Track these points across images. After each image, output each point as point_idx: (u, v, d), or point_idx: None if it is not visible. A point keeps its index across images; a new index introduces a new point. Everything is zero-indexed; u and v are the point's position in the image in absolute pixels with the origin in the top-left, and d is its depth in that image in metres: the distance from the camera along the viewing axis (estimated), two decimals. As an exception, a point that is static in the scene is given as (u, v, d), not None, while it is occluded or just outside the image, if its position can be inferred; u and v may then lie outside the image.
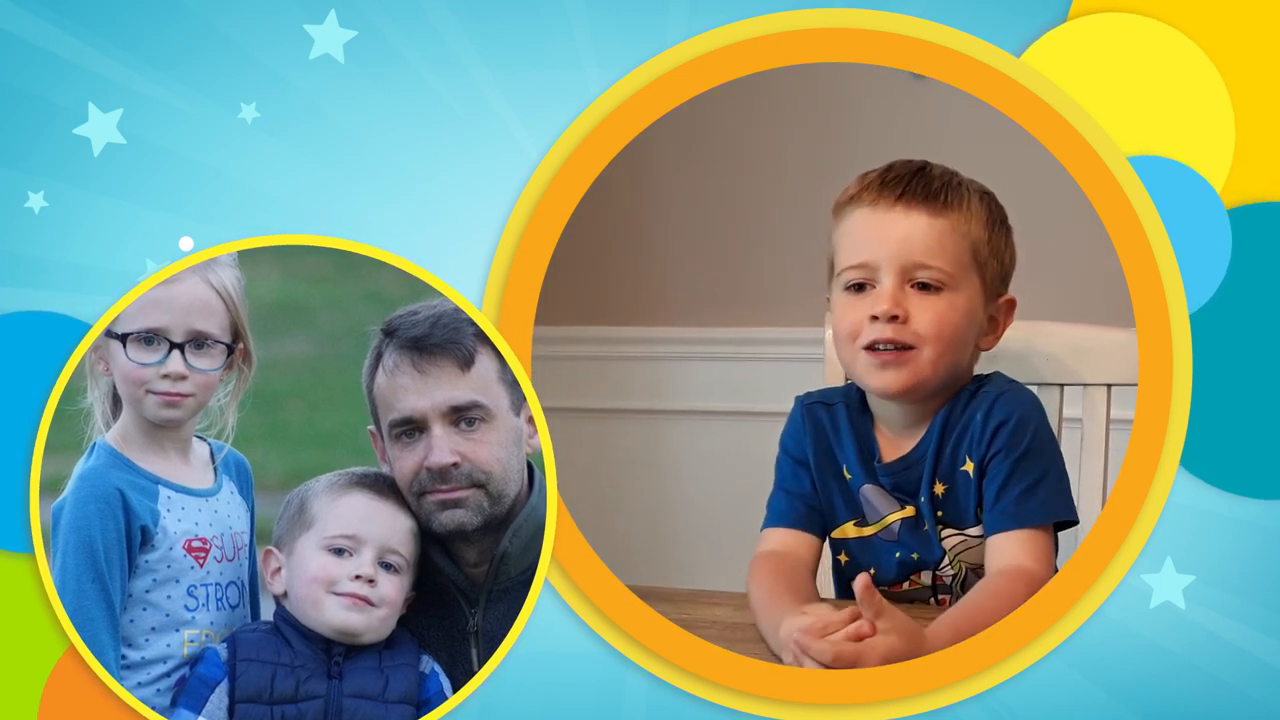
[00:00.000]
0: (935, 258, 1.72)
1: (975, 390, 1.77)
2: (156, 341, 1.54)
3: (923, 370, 1.73)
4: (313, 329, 2.52)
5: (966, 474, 1.75)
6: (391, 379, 1.59)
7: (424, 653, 1.58)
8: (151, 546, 1.53)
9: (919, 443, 1.78)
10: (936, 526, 1.77)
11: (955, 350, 1.74)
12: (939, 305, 1.73)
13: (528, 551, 1.57)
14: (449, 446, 1.57)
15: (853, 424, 1.82)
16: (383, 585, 1.55)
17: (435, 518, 1.57)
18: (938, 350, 1.73)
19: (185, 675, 1.53)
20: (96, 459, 1.54)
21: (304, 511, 1.57)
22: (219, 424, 1.60)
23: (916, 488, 1.78)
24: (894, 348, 1.73)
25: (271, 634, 1.55)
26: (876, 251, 1.73)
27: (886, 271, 1.72)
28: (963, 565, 1.77)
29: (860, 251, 1.74)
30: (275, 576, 1.57)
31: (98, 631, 1.49)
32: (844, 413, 1.83)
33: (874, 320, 1.73)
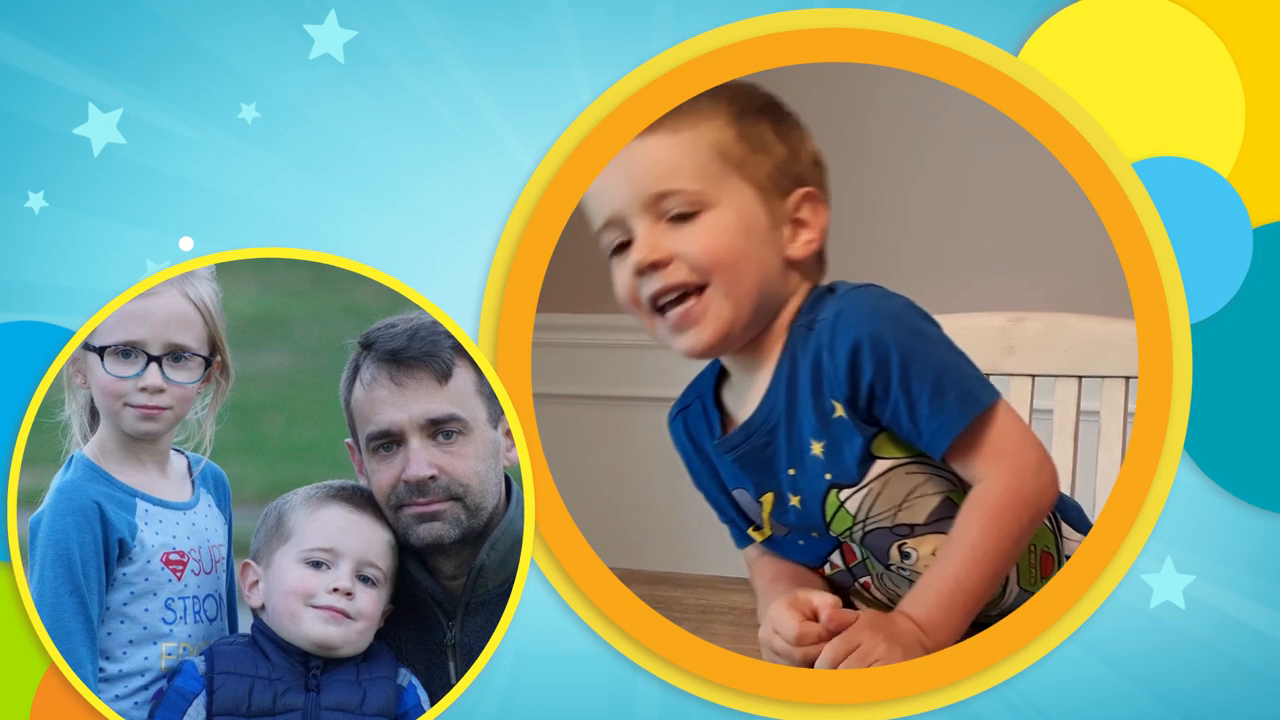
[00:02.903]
0: (674, 179, 1.48)
1: (810, 324, 1.51)
2: (134, 354, 1.54)
3: (721, 312, 1.49)
4: (290, 342, 2.51)
5: (842, 420, 1.50)
6: (369, 392, 1.59)
7: (402, 665, 1.58)
8: (129, 559, 1.53)
9: (759, 406, 1.53)
10: (830, 491, 1.51)
11: (749, 273, 1.49)
12: (702, 232, 1.48)
13: (505, 564, 1.57)
14: (426, 459, 1.57)
15: (705, 413, 1.59)
16: (360, 598, 1.55)
17: (413, 530, 1.58)
18: (725, 280, 1.48)
19: (163, 688, 1.53)
20: (74, 472, 1.54)
21: (281, 524, 1.57)
22: (196, 437, 1.60)
23: (769, 458, 1.54)
24: (676, 296, 1.49)
25: (249, 647, 1.55)
26: (614, 200, 1.50)
27: (633, 217, 1.49)
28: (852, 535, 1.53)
29: (601, 208, 1.51)
30: (253, 589, 1.57)
31: (75, 645, 1.49)
32: (698, 408, 1.60)
33: (640, 275, 1.50)
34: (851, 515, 1.52)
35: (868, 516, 1.52)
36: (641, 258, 1.49)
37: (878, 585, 1.57)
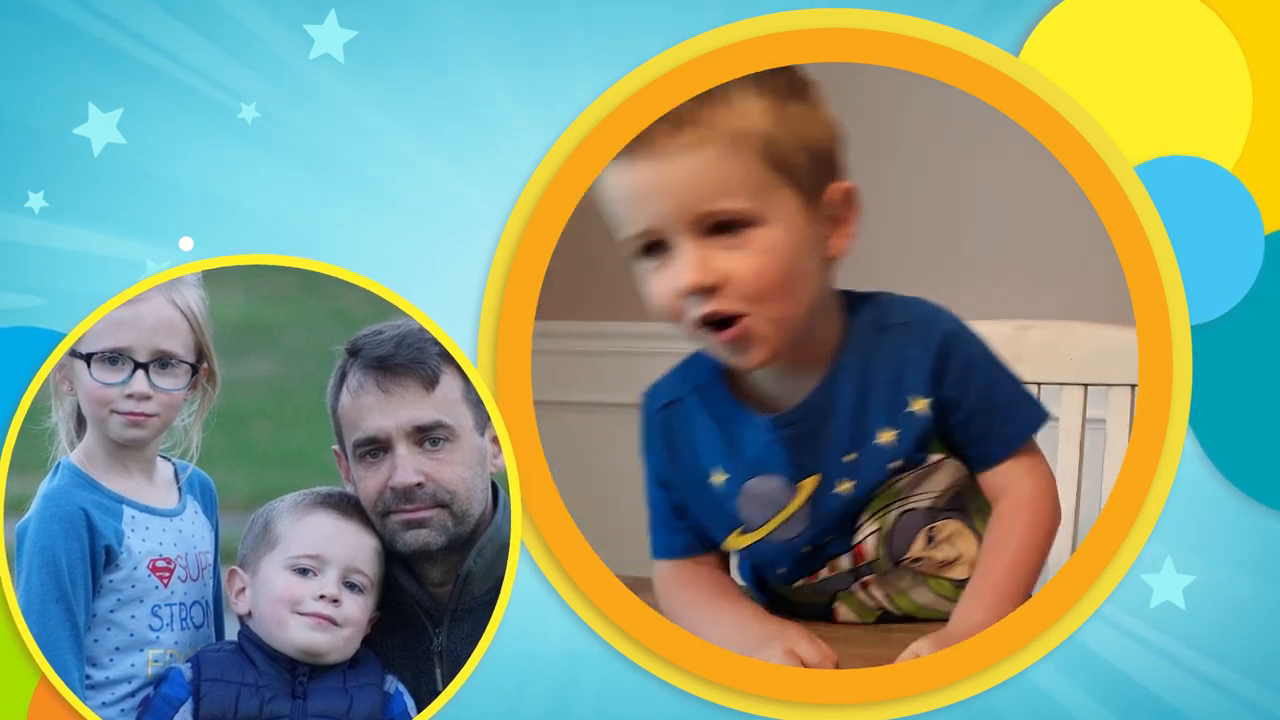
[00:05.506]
0: (721, 198, 1.42)
1: (876, 322, 1.54)
2: (121, 361, 1.53)
3: (770, 334, 1.47)
4: (277, 348, 2.51)
5: (915, 414, 1.55)
6: (356, 399, 1.59)
7: (388, 673, 1.58)
8: (116, 566, 1.53)
9: (818, 387, 1.55)
10: (890, 475, 1.57)
11: (795, 291, 1.47)
12: (752, 258, 1.43)
13: (492, 571, 1.57)
14: (413, 466, 1.57)
15: (707, 405, 1.57)
16: (347, 605, 1.55)
17: (400, 537, 1.58)
18: (776, 304, 1.46)
19: (149, 695, 1.53)
20: (61, 478, 1.54)
21: (268, 531, 1.57)
22: (183, 444, 1.60)
23: (822, 441, 1.55)
24: (723, 320, 1.46)
25: (236, 654, 1.55)
26: (651, 213, 1.44)
27: (675, 234, 1.43)
28: (885, 518, 1.58)
29: (635, 217, 1.45)
30: (240, 596, 1.57)
31: (62, 652, 1.49)
32: (696, 403, 1.58)
33: (685, 297, 1.45)
34: (899, 492, 1.57)
35: (912, 494, 1.58)
36: (692, 281, 1.44)
37: (878, 583, 1.62)
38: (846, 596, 1.65)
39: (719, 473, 1.62)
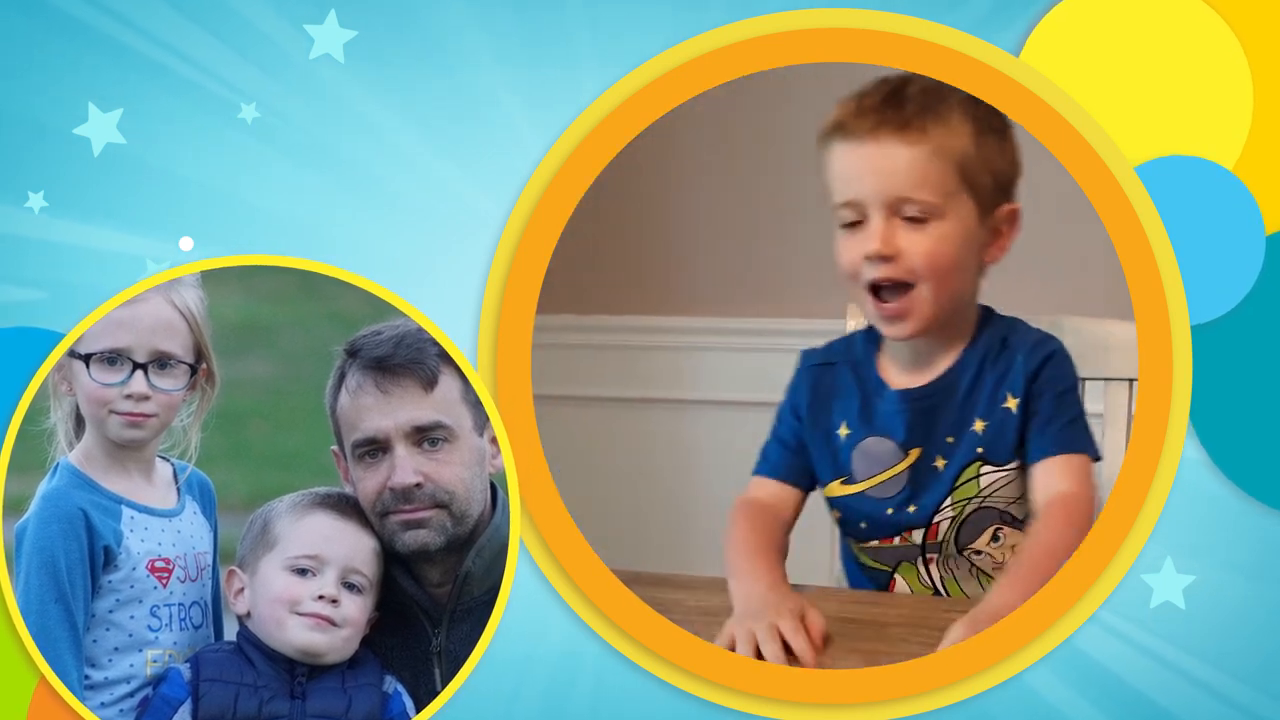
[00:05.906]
0: (919, 189, 1.70)
1: (1004, 336, 1.78)
2: (119, 362, 1.53)
3: (925, 310, 1.73)
4: (276, 349, 2.51)
5: (1008, 410, 1.76)
6: (354, 399, 1.59)
7: (387, 673, 1.58)
8: (114, 567, 1.53)
9: (944, 374, 1.79)
10: (973, 463, 1.77)
11: (954, 279, 1.74)
12: (929, 240, 1.71)
13: (491, 571, 1.57)
14: (412, 467, 1.57)
15: (857, 377, 1.83)
16: (346, 605, 1.55)
17: (398, 538, 1.58)
18: (935, 285, 1.72)
19: (148, 695, 1.53)
20: (59, 479, 1.54)
21: (267, 531, 1.57)
22: (182, 444, 1.60)
23: (935, 420, 1.79)
24: (893, 286, 1.72)
25: (235, 654, 1.55)
26: (860, 189, 1.71)
27: (873, 208, 1.71)
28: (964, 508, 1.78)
29: (846, 190, 1.73)
30: (238, 597, 1.57)
31: (61, 652, 1.49)
32: (846, 371, 1.84)
33: (867, 260, 1.72)
34: (980, 488, 1.77)
35: (991, 494, 1.77)
36: (875, 249, 1.71)
37: (939, 564, 1.80)
38: (908, 569, 1.82)
39: (845, 427, 1.82)
